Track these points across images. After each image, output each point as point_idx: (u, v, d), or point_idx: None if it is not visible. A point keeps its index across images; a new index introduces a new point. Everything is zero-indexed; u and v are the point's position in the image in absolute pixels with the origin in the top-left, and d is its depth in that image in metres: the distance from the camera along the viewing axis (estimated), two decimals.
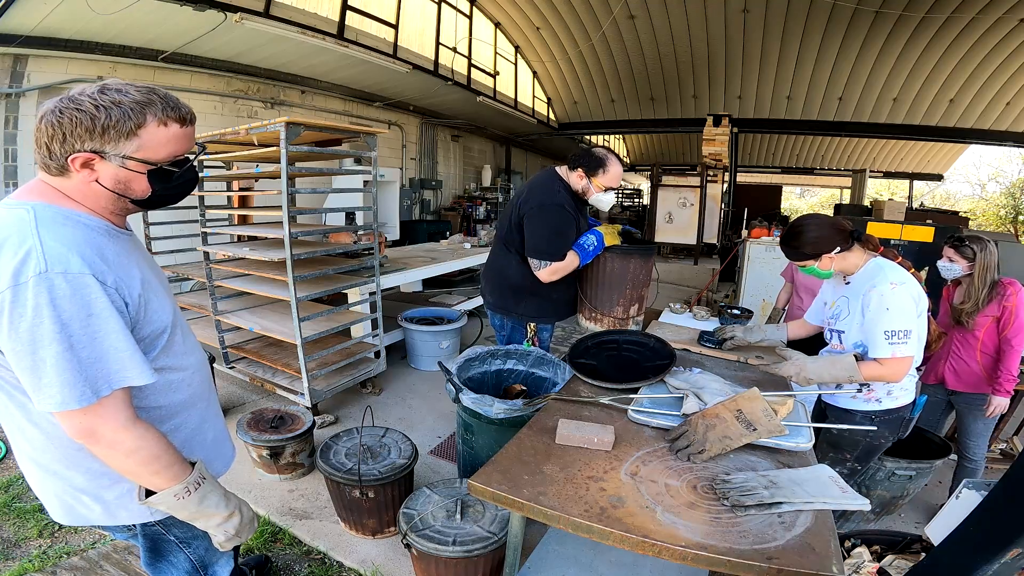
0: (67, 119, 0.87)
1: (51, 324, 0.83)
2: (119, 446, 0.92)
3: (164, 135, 0.95)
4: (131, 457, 0.94)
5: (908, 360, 1.63)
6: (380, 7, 6.85)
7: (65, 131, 0.88)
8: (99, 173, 0.93)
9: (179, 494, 1.00)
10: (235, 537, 1.11)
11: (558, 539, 1.84)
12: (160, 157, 0.96)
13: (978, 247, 2.28)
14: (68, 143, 0.88)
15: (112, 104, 0.89)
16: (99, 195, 0.95)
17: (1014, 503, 0.82)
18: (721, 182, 10.19)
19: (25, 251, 0.83)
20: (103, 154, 0.90)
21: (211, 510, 1.05)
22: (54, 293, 0.83)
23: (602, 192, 2.31)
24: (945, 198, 22.20)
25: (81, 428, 0.89)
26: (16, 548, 2.05)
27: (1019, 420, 3.22)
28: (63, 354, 0.84)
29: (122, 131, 0.90)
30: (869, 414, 1.79)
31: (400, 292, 5.40)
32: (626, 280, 2.33)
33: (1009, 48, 7.94)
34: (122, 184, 0.95)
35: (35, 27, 4.16)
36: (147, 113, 0.92)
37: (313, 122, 2.68)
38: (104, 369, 0.88)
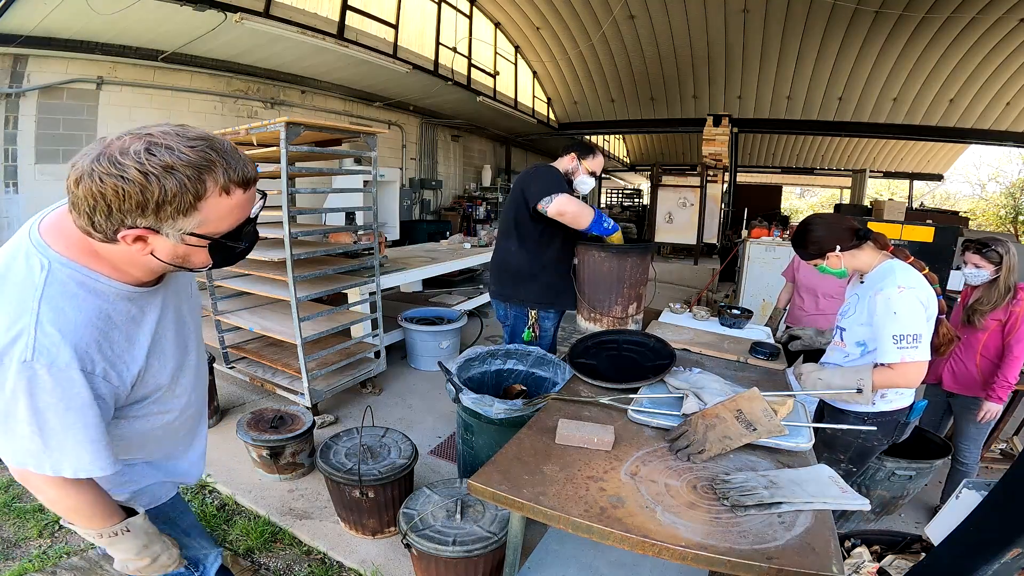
0: (110, 190, 0.72)
1: (25, 410, 0.80)
2: (43, 494, 0.92)
3: (227, 205, 0.81)
4: (52, 504, 0.94)
5: (920, 365, 1.58)
6: (380, 7, 6.85)
7: (110, 204, 0.73)
8: (154, 247, 0.81)
9: (91, 535, 0.98)
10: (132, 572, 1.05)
11: (558, 539, 1.84)
12: (223, 230, 0.84)
13: (1003, 249, 2.25)
14: (115, 216, 0.75)
15: (164, 171, 0.73)
16: (150, 264, 0.85)
17: (1014, 503, 0.82)
18: (721, 182, 10.19)
19: (17, 331, 0.78)
20: (158, 231, 0.79)
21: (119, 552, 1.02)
22: (35, 384, 0.79)
23: (587, 175, 2.54)
24: (945, 198, 22.20)
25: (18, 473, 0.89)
26: (16, 548, 2.05)
27: (1019, 420, 3.22)
28: (31, 436, 0.82)
29: (180, 207, 0.76)
30: (861, 415, 1.78)
31: (400, 292, 5.40)
32: (623, 279, 2.33)
33: (1009, 48, 7.94)
34: (180, 258, 0.85)
35: (35, 27, 4.16)
36: (207, 180, 0.77)
37: (313, 122, 2.68)
38: (68, 457, 0.85)
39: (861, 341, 1.75)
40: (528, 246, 2.51)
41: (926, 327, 1.60)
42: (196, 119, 5.70)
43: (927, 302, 1.62)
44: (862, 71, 9.15)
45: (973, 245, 2.33)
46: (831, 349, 1.92)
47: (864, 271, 1.80)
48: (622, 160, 17.87)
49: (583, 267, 2.42)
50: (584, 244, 2.39)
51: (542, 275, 2.51)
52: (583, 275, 2.42)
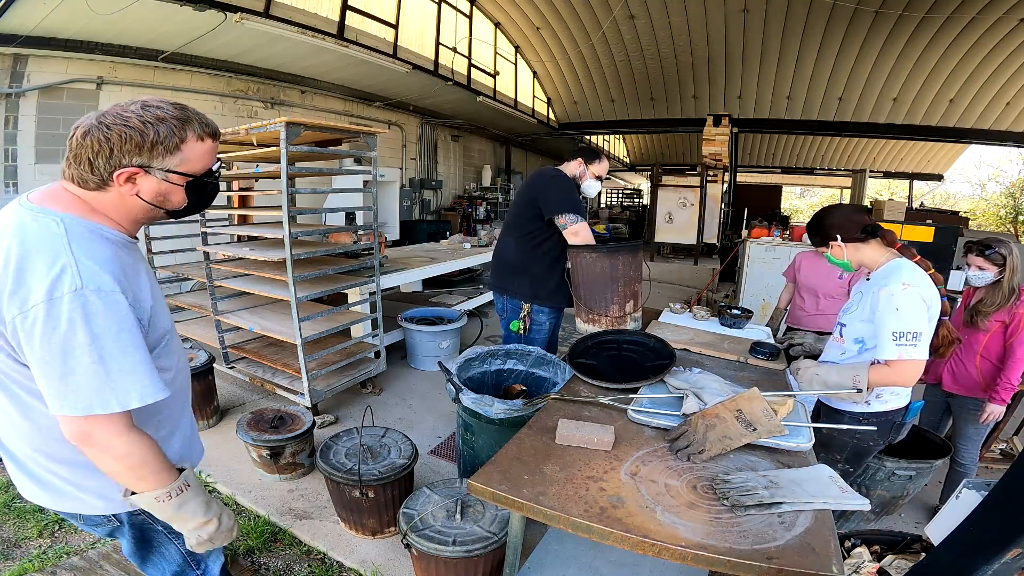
0: (115, 135, 0.92)
1: (85, 336, 0.87)
2: (111, 451, 0.95)
3: (201, 149, 1.02)
4: (120, 461, 0.97)
5: (917, 364, 1.57)
6: (380, 7, 6.85)
7: (113, 146, 0.92)
8: (140, 187, 0.98)
9: (160, 497, 1.02)
10: (207, 542, 1.11)
11: (558, 539, 1.84)
12: (197, 169, 1.03)
13: (1006, 251, 2.24)
14: (115, 158, 0.93)
15: (157, 120, 0.94)
16: (133, 208, 1.00)
17: (1014, 503, 0.82)
18: (721, 182, 10.18)
19: (60, 267, 0.87)
20: (148, 168, 0.96)
21: (188, 515, 1.07)
22: (88, 309, 0.88)
23: (594, 179, 2.65)
24: (945, 198, 22.20)
25: (80, 432, 0.93)
26: (16, 548, 2.05)
27: (1019, 420, 3.22)
28: (94, 365, 0.89)
29: (169, 146, 0.96)
30: (857, 415, 1.78)
31: (400, 292, 5.40)
32: (616, 277, 2.33)
33: (1009, 48, 7.94)
34: (161, 196, 1.01)
35: (35, 27, 4.16)
36: (187, 129, 0.98)
37: (313, 122, 2.68)
38: (132, 383, 0.93)
39: (860, 338, 1.75)
40: (525, 242, 2.59)
41: (927, 326, 1.59)
42: None
43: (930, 301, 1.61)
44: (862, 71, 9.15)
45: (976, 247, 2.31)
46: (829, 346, 1.92)
47: (870, 268, 1.79)
48: (622, 160, 17.87)
49: (576, 270, 2.43)
50: (575, 247, 2.41)
51: (534, 269, 2.59)
52: (577, 278, 2.43)
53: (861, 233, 1.74)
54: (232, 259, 3.28)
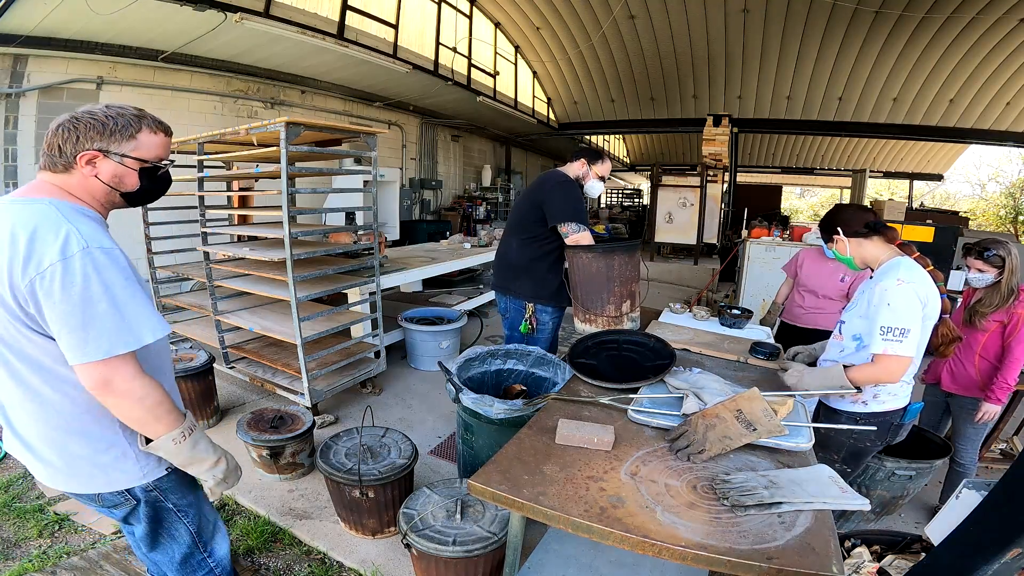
0: (83, 124, 1.11)
1: (99, 286, 1.03)
2: (131, 394, 1.08)
3: (154, 140, 1.20)
4: (140, 404, 1.10)
5: (902, 360, 1.58)
6: (380, 7, 6.85)
7: (79, 133, 1.11)
8: (99, 169, 1.14)
9: (176, 439, 1.17)
10: (223, 482, 1.26)
11: (558, 539, 1.84)
12: (149, 157, 1.19)
13: (1004, 252, 2.24)
14: (80, 143, 1.11)
15: (118, 115, 1.15)
16: (95, 189, 1.15)
17: (1014, 503, 0.82)
18: (721, 182, 10.18)
19: (65, 233, 1.02)
20: (107, 152, 1.13)
21: (202, 455, 1.22)
22: (97, 263, 1.03)
23: (597, 179, 2.65)
24: (945, 198, 22.20)
25: (100, 378, 1.05)
26: (16, 548, 2.05)
27: (1019, 420, 3.22)
28: (110, 310, 1.04)
29: (125, 134, 1.15)
30: (854, 416, 1.78)
31: (400, 292, 5.40)
32: (612, 277, 2.34)
33: (1009, 48, 7.94)
34: (117, 178, 1.17)
35: (35, 27, 4.16)
36: (142, 123, 1.18)
37: (313, 122, 2.68)
38: (144, 322, 1.09)
39: (857, 335, 1.75)
40: (528, 244, 2.60)
41: (917, 324, 1.59)
42: (196, 119, 5.70)
43: (926, 299, 1.61)
44: (862, 71, 9.15)
45: (975, 250, 2.31)
46: (830, 344, 1.93)
47: (871, 265, 1.80)
48: (622, 160, 17.87)
49: (573, 270, 2.44)
50: (572, 247, 2.41)
51: (537, 270, 2.60)
52: (574, 278, 2.44)
53: (864, 228, 1.76)
54: (232, 259, 3.28)
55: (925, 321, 1.63)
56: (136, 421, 1.13)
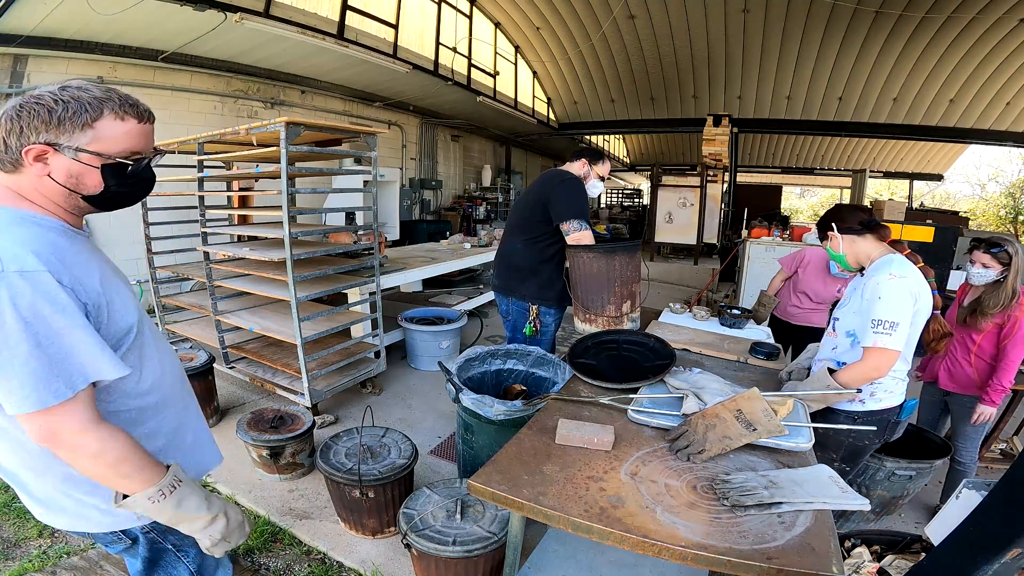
0: (25, 112, 0.87)
1: (14, 323, 0.80)
2: (82, 449, 0.89)
3: (120, 129, 0.93)
4: (96, 460, 0.90)
5: (890, 353, 1.59)
6: (380, 7, 6.85)
7: (23, 124, 0.87)
8: (51, 167, 0.91)
9: (153, 497, 0.96)
10: (223, 542, 1.07)
11: (558, 539, 1.84)
12: (115, 151, 0.94)
13: (1012, 250, 2.20)
14: (24, 135, 0.88)
15: (71, 99, 0.89)
16: (51, 191, 0.93)
17: (1014, 503, 0.82)
18: (721, 182, 10.19)
19: None
20: (56, 146, 0.89)
21: (191, 513, 1.01)
22: (13, 291, 0.80)
23: (598, 179, 2.65)
24: (945, 198, 22.21)
25: (43, 431, 0.86)
26: (16, 548, 2.05)
27: (1019, 420, 3.22)
28: (31, 352, 0.81)
29: (77, 123, 0.89)
30: (852, 415, 1.78)
31: (400, 292, 5.40)
32: (613, 278, 2.34)
33: (1009, 48, 7.94)
34: (74, 178, 0.93)
35: (35, 27, 4.16)
36: (104, 107, 0.91)
37: (313, 122, 2.68)
38: (75, 363, 0.86)
39: (851, 331, 1.77)
40: (532, 244, 2.58)
41: (908, 318, 1.60)
42: (196, 119, 5.70)
43: (917, 295, 1.62)
44: (862, 71, 9.15)
45: (983, 244, 2.28)
46: (823, 342, 1.93)
47: (864, 262, 1.82)
48: (622, 160, 17.87)
49: (574, 270, 2.43)
50: (572, 247, 2.41)
51: (542, 271, 2.58)
52: (575, 277, 2.43)
53: (858, 225, 1.78)
54: (232, 259, 3.28)
55: (916, 317, 1.64)
56: (99, 478, 0.93)
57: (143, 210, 3.74)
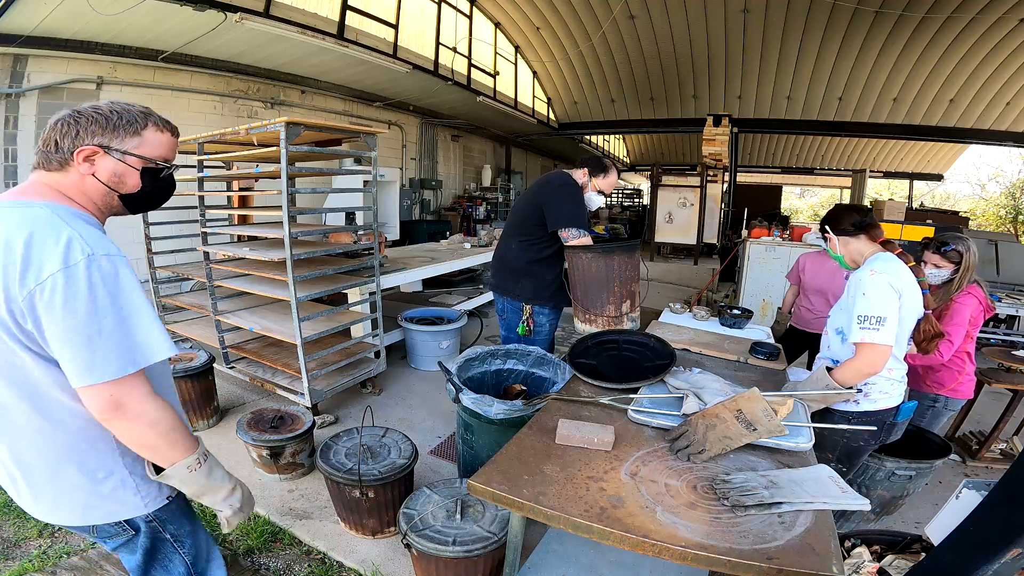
0: (84, 118, 1.01)
1: (105, 298, 0.91)
2: (144, 416, 0.98)
3: (160, 139, 1.09)
4: (154, 428, 1.00)
5: (880, 348, 1.60)
6: (380, 7, 6.85)
7: (80, 127, 1.00)
8: (97, 167, 1.03)
9: (191, 466, 1.07)
10: (240, 512, 1.17)
11: (558, 539, 1.84)
12: (155, 155, 1.09)
13: (963, 248, 2.19)
14: (79, 138, 1.00)
15: (123, 111, 1.05)
16: (92, 190, 1.04)
17: (1014, 503, 0.82)
18: (721, 182, 10.21)
19: (66, 238, 0.91)
20: (107, 148, 1.02)
21: (217, 483, 1.13)
22: (104, 272, 0.92)
23: (595, 193, 2.59)
24: (945, 198, 22.21)
25: (110, 401, 0.94)
26: (16, 548, 2.05)
27: (1019, 420, 3.22)
28: (116, 326, 0.92)
29: (129, 130, 1.04)
30: (847, 415, 1.79)
31: (400, 292, 5.40)
32: (612, 277, 2.34)
33: (1009, 48, 7.94)
34: (116, 178, 1.05)
35: (35, 27, 4.16)
36: (148, 120, 1.08)
37: (313, 122, 2.68)
38: (147, 339, 0.97)
39: (840, 329, 1.78)
40: (528, 246, 2.58)
41: (894, 313, 1.61)
42: (196, 119, 5.70)
43: (901, 289, 1.63)
44: (862, 71, 9.15)
45: (933, 244, 2.28)
46: (821, 340, 1.95)
47: (858, 262, 1.83)
48: (622, 160, 17.87)
49: (573, 270, 2.43)
50: (571, 248, 2.41)
51: (536, 272, 2.58)
52: (574, 278, 2.43)
53: (850, 227, 1.81)
54: (232, 259, 3.28)
55: (902, 312, 1.65)
56: (148, 448, 1.03)
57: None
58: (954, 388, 2.34)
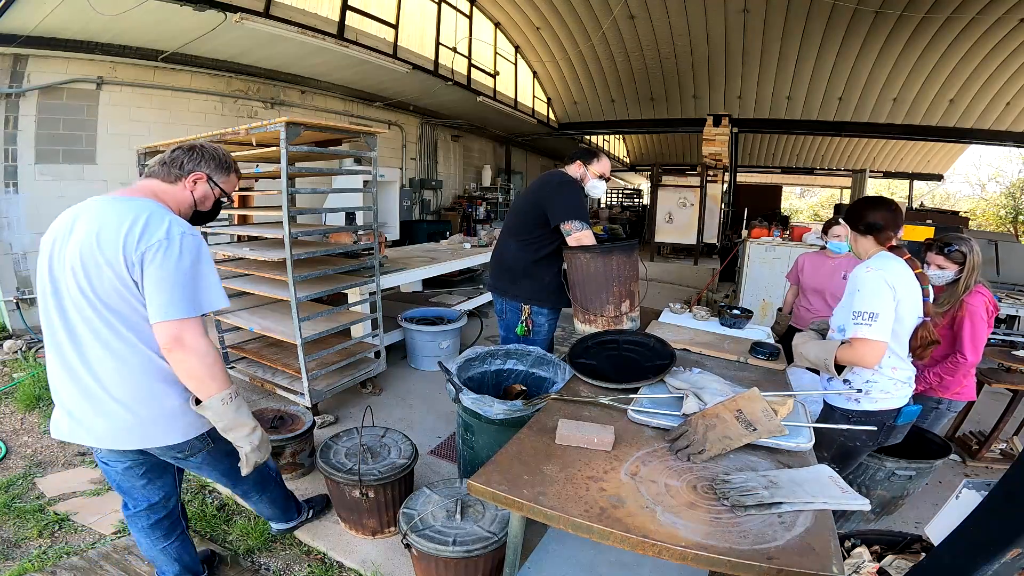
0: (207, 152, 1.57)
1: (187, 261, 1.34)
2: (196, 349, 1.34)
3: (233, 180, 1.67)
4: (202, 360, 1.35)
5: (873, 344, 1.61)
6: (380, 7, 6.84)
7: (203, 159, 1.55)
8: (197, 188, 1.55)
9: (225, 399, 1.40)
10: (257, 450, 1.48)
11: (558, 539, 1.84)
12: (227, 190, 1.64)
13: (967, 248, 2.17)
14: (199, 164, 1.54)
15: (225, 155, 1.63)
16: (183, 201, 1.54)
17: (1014, 503, 0.82)
18: (721, 182, 10.19)
19: (168, 221, 1.35)
20: (210, 178, 1.57)
21: (243, 419, 1.45)
22: (191, 244, 1.36)
23: (597, 179, 2.61)
24: (945, 198, 22.20)
25: (174, 334, 1.31)
26: (16, 548, 2.05)
27: (1019, 420, 3.22)
28: (192, 280, 1.35)
29: (227, 170, 1.62)
30: (847, 413, 1.79)
31: (400, 292, 5.40)
32: (611, 277, 2.33)
33: (1009, 48, 7.93)
34: (203, 198, 1.58)
35: (35, 27, 4.15)
36: (233, 165, 1.66)
37: (313, 122, 2.68)
38: (210, 292, 1.40)
39: (841, 327, 1.80)
40: (527, 246, 2.57)
41: (889, 309, 1.63)
42: (196, 119, 5.70)
43: (895, 285, 1.64)
44: (862, 71, 9.14)
45: (936, 245, 2.27)
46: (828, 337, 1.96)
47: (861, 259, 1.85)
48: (622, 160, 17.87)
49: (572, 270, 2.43)
50: (570, 248, 2.41)
51: (536, 273, 2.58)
52: (573, 278, 2.43)
53: (861, 225, 1.81)
54: (232, 259, 3.28)
55: (899, 309, 1.66)
56: (195, 378, 1.36)
57: None
58: (957, 392, 2.34)
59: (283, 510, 2.06)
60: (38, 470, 2.60)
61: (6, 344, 4.14)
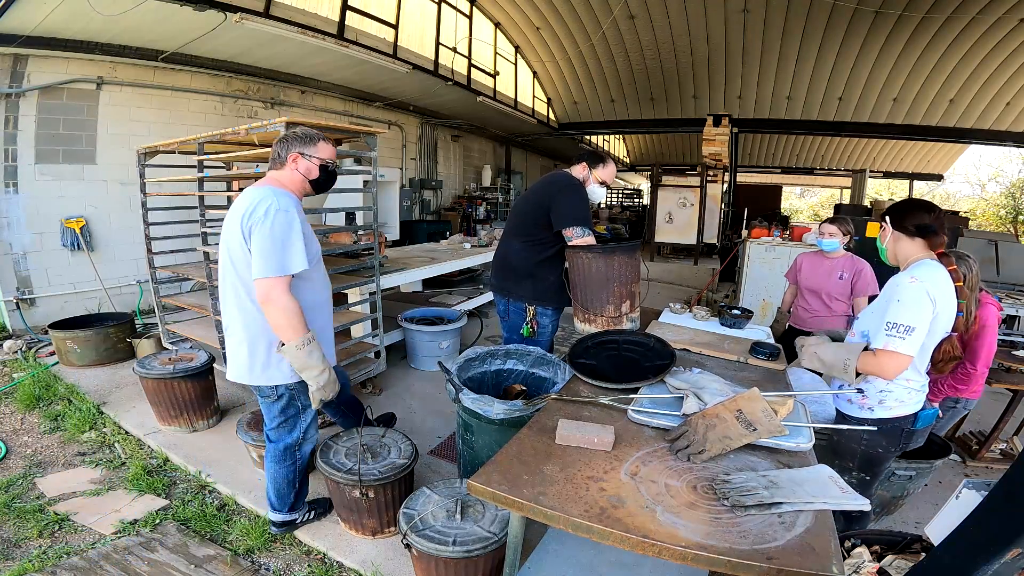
0: (292, 135, 1.92)
1: (279, 233, 1.73)
2: (280, 302, 1.71)
3: (326, 147, 1.96)
4: (285, 312, 1.72)
5: (900, 358, 1.55)
6: (380, 7, 6.84)
7: (289, 142, 1.90)
8: (299, 165, 1.90)
9: (300, 345, 1.75)
10: (325, 388, 1.84)
11: (558, 539, 1.84)
12: (324, 157, 1.95)
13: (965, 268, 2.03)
14: (289, 148, 1.89)
15: (308, 131, 1.96)
16: (294, 179, 1.91)
17: (1014, 503, 0.82)
18: (721, 182, 10.20)
19: (269, 202, 1.74)
20: (303, 154, 1.90)
21: (315, 362, 1.80)
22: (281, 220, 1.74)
23: (598, 184, 2.63)
24: (945, 198, 22.19)
25: (266, 290, 1.71)
26: (16, 548, 2.05)
27: (1019, 420, 3.22)
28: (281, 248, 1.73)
29: (314, 142, 1.93)
30: (861, 422, 1.77)
31: (400, 292, 5.40)
32: (612, 278, 2.33)
33: (1009, 48, 7.93)
34: (307, 170, 1.92)
35: (35, 27, 4.15)
36: (319, 137, 1.95)
37: (313, 122, 2.68)
38: (295, 257, 1.76)
39: (865, 332, 1.75)
40: (530, 247, 2.57)
41: (925, 324, 1.56)
42: (196, 119, 5.69)
43: (936, 300, 1.56)
44: (862, 71, 9.14)
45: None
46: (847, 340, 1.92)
47: (902, 264, 1.75)
48: (622, 160, 17.87)
49: (573, 270, 2.43)
50: (572, 248, 2.41)
51: (539, 274, 2.57)
52: (574, 278, 2.43)
53: (912, 227, 1.69)
54: None
55: (934, 324, 1.59)
56: (278, 326, 1.74)
57: (143, 210, 3.74)
58: (974, 390, 2.36)
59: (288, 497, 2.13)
60: (38, 470, 2.60)
61: (6, 344, 4.14)
